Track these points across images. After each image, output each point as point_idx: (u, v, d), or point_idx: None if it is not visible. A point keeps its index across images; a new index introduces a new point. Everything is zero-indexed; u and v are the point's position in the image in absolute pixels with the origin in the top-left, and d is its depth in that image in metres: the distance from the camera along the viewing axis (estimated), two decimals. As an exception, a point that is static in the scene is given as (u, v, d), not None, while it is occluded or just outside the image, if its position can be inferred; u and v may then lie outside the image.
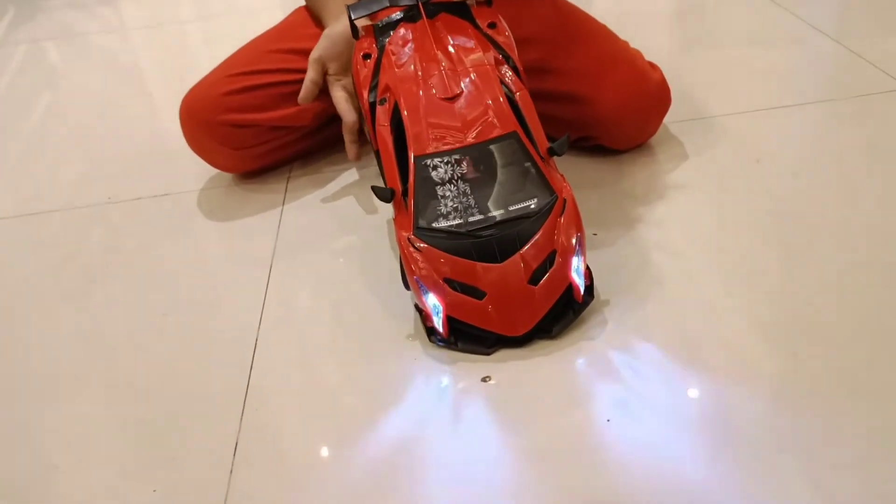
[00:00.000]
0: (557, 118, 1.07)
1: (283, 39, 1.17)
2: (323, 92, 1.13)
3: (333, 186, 1.15)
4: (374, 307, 0.91)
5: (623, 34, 1.13)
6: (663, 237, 0.96)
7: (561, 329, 0.84)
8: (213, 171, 1.21)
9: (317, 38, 1.12)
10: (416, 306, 0.86)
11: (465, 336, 0.83)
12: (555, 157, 0.89)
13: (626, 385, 0.77)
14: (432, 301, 0.82)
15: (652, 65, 1.11)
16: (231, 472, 0.74)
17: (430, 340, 0.84)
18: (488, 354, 0.83)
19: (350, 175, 1.17)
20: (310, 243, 1.04)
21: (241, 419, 0.79)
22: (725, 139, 1.14)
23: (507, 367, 0.81)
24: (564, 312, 0.84)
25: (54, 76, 1.81)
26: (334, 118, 1.19)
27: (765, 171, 1.06)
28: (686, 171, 1.08)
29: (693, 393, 0.76)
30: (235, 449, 0.76)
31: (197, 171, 1.21)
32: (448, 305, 0.82)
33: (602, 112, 1.06)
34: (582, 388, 0.78)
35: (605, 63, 1.07)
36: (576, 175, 1.09)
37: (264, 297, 0.95)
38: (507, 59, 0.93)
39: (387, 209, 1.07)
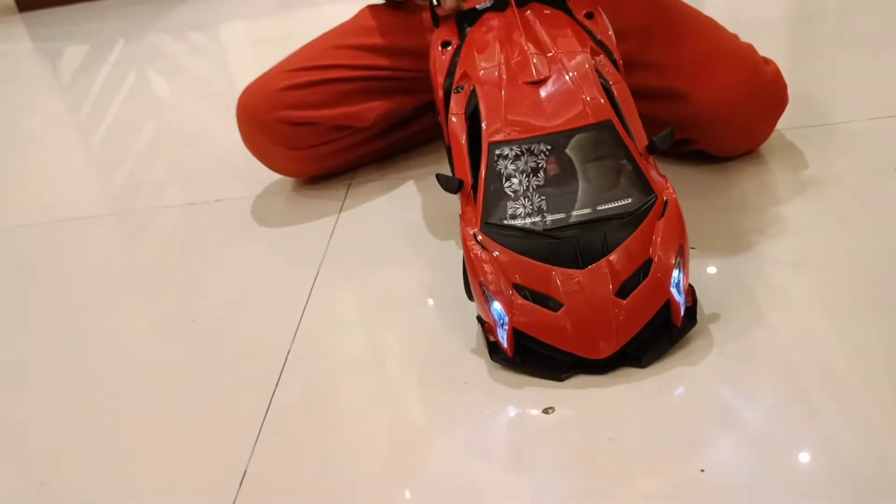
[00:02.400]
0: (652, 118, 0.92)
1: (348, 35, 1.07)
2: (386, 92, 1.04)
3: (396, 194, 1.04)
4: (427, 322, 0.78)
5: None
6: (778, 254, 0.79)
7: (653, 358, 0.68)
8: (277, 176, 1.12)
9: (384, 34, 1.03)
10: (479, 318, 0.73)
11: (534, 356, 0.69)
12: (655, 157, 0.75)
13: (727, 428, 0.61)
14: (497, 310, 0.68)
15: (766, 59, 0.95)
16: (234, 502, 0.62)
17: (492, 359, 0.70)
18: (560, 381, 0.68)
19: (415, 184, 1.06)
20: (362, 253, 0.92)
21: (256, 442, 0.67)
22: (855, 146, 0.97)
23: (580, 396, 0.66)
24: (658, 337, 0.69)
25: (147, 93, 1.81)
26: (399, 122, 1.09)
27: (905, 181, 0.88)
28: (806, 181, 0.91)
29: (810, 442, 0.59)
30: (243, 477, 0.64)
31: (261, 176, 1.12)
32: (515, 316, 0.68)
33: (704, 110, 0.91)
34: (670, 428, 0.62)
35: (708, 54, 0.92)
36: (674, 184, 0.93)
37: (303, 309, 0.83)
38: (606, 50, 0.81)
39: (454, 219, 0.95)
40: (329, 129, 1.04)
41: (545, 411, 0.65)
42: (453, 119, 0.77)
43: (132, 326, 0.88)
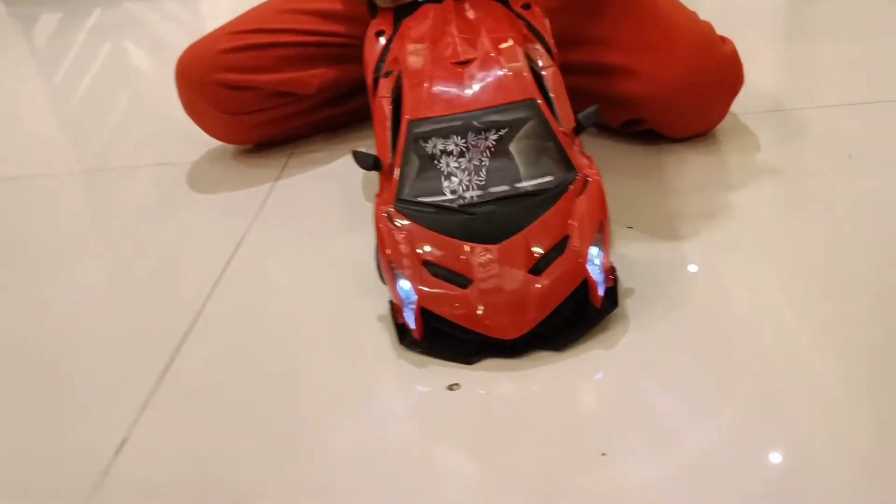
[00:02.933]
0: (600, 96, 0.88)
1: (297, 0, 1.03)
2: (332, 60, 1.01)
3: (337, 166, 1.00)
4: (343, 299, 0.74)
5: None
6: (718, 237, 0.76)
7: (569, 341, 0.64)
8: (216, 143, 1.08)
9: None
10: (392, 303, 0.69)
11: (443, 339, 0.65)
12: (584, 138, 0.74)
13: (637, 412, 0.58)
14: (404, 289, 0.65)
15: (723, 38, 0.91)
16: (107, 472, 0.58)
17: (401, 344, 0.67)
18: (470, 364, 0.64)
19: (358, 157, 1.02)
20: (291, 224, 0.89)
21: (145, 407, 0.64)
22: (810, 133, 0.93)
23: (488, 376, 0.63)
24: (576, 320, 0.65)
25: (120, 59, 1.77)
26: (345, 93, 1.05)
27: (859, 169, 0.84)
28: (758, 166, 0.87)
29: (725, 434, 0.55)
30: (122, 444, 0.60)
31: (206, 142, 1.07)
32: (423, 294, 0.64)
33: (656, 89, 0.86)
34: (576, 408, 0.59)
35: (663, 30, 0.88)
36: (619, 164, 0.90)
37: (219, 276, 0.80)
38: (542, 40, 0.79)
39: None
40: (270, 95, 0.99)
41: (450, 388, 0.62)
42: (380, 101, 0.75)
43: (50, 284, 0.85)
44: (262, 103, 1.00)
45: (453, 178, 0.67)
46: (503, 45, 0.73)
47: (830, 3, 1.39)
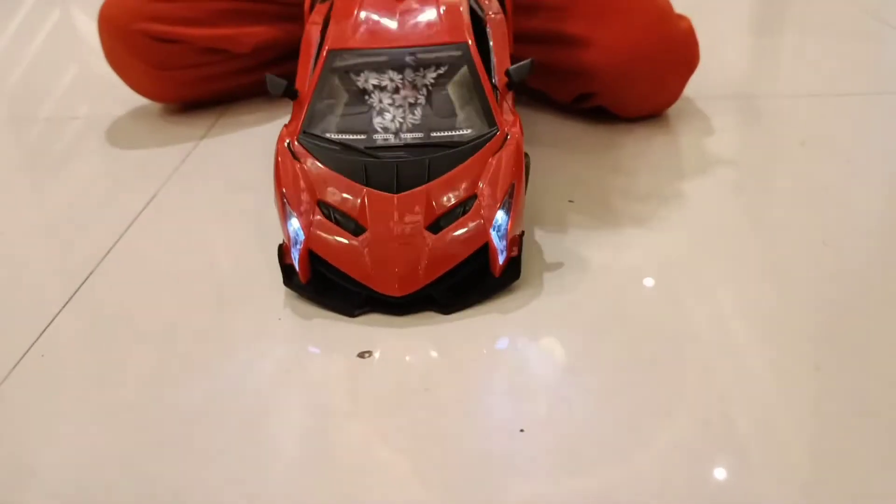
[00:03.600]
0: (549, 67, 0.84)
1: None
2: (273, 18, 0.95)
3: (265, 130, 0.92)
4: (242, 255, 0.68)
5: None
6: (663, 220, 0.71)
7: (459, 307, 0.60)
8: (143, 101, 0.99)
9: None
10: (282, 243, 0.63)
11: (330, 287, 0.60)
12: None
13: (530, 378, 0.52)
14: (294, 228, 0.60)
15: (680, 15, 0.87)
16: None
17: (285, 285, 0.62)
18: (352, 316, 0.59)
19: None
20: (210, 184, 0.82)
21: (16, 365, 0.57)
22: (764, 120, 0.90)
23: (397, 340, 0.57)
24: (472, 286, 0.61)
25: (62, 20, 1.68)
26: (287, 55, 0.98)
27: (810, 156, 0.80)
28: (709, 149, 0.83)
29: (636, 407, 0.50)
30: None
31: (131, 101, 1.00)
32: (312, 236, 0.59)
33: (608, 60, 0.82)
34: (485, 381, 0.54)
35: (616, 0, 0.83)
36: (566, 140, 0.86)
37: (123, 231, 0.73)
38: None
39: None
40: (201, 51, 0.93)
41: (361, 355, 0.56)
42: (310, 27, 0.70)
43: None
44: (193, 59, 0.93)
45: (367, 118, 0.62)
46: None
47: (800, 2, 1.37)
